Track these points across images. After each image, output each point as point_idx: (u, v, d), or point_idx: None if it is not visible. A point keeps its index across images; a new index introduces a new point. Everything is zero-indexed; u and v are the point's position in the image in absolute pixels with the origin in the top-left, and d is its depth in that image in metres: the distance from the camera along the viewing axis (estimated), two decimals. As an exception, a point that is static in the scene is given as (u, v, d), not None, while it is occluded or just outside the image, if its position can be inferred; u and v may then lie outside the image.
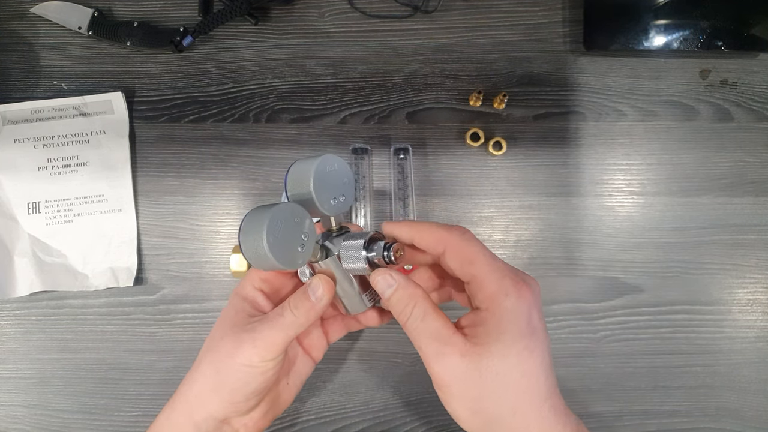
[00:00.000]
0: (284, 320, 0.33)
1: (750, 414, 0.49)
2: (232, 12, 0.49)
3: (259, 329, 0.33)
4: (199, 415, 0.33)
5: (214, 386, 0.33)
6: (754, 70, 0.51)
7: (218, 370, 0.33)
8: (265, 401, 0.35)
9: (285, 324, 0.33)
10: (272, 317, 0.33)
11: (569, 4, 0.51)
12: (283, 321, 0.33)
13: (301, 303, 0.33)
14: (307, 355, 0.39)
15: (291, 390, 0.38)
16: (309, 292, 0.33)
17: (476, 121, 0.51)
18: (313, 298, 0.33)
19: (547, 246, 0.50)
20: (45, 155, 0.51)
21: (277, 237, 0.29)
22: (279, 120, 0.51)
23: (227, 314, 0.35)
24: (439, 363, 0.29)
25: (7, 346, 0.51)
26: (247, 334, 0.33)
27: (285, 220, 0.30)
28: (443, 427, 0.49)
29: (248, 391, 0.33)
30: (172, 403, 0.35)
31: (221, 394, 0.33)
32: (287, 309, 0.33)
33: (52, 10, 0.51)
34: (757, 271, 0.50)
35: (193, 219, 0.51)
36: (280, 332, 0.32)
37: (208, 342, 0.35)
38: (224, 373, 0.33)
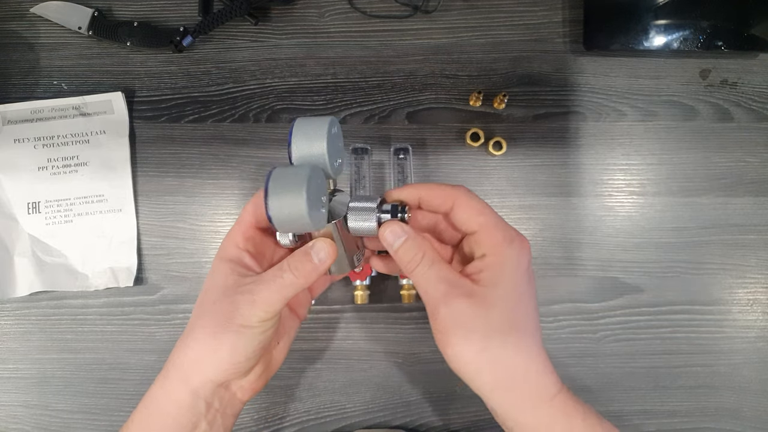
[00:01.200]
0: (283, 281, 0.33)
1: (750, 414, 0.49)
2: (232, 12, 0.49)
3: (256, 290, 0.32)
4: (197, 380, 0.33)
5: (211, 350, 0.33)
6: (754, 70, 0.51)
7: (215, 333, 0.32)
8: (260, 362, 0.36)
9: (284, 284, 0.33)
10: (269, 277, 0.33)
11: (569, 4, 0.51)
12: (282, 282, 0.33)
13: (302, 264, 0.33)
14: (294, 314, 0.40)
15: (282, 350, 0.39)
16: (312, 254, 0.33)
17: (476, 121, 0.51)
18: (316, 260, 0.33)
19: (547, 246, 0.50)
20: (45, 155, 0.51)
21: (310, 197, 0.29)
22: (279, 120, 0.51)
23: (214, 281, 0.34)
24: (448, 304, 0.31)
25: (7, 346, 0.51)
26: (242, 295, 0.32)
27: (316, 180, 0.30)
28: (443, 427, 0.49)
29: (248, 352, 0.33)
30: (165, 372, 0.35)
31: (220, 357, 0.33)
32: (286, 270, 0.33)
33: (52, 10, 0.51)
34: (757, 271, 0.50)
35: (193, 219, 0.51)
36: (278, 292, 0.32)
37: (198, 309, 0.35)
38: (222, 336, 0.32)
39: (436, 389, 0.49)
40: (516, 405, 0.31)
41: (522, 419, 0.31)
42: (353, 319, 0.50)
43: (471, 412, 0.49)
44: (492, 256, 0.32)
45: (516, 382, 0.31)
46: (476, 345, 0.30)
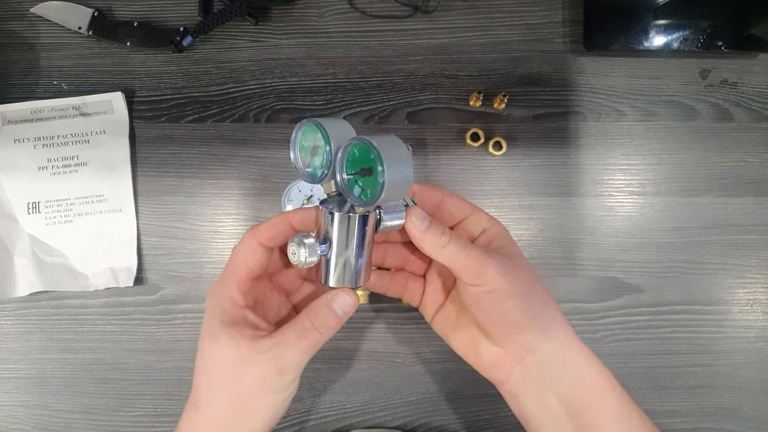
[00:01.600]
0: (309, 341, 0.32)
1: (750, 414, 0.49)
2: (232, 12, 0.49)
3: (281, 355, 0.31)
4: None
5: (238, 418, 0.32)
6: (754, 70, 0.51)
7: (243, 406, 0.32)
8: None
9: (311, 344, 0.32)
10: (292, 340, 0.31)
11: (569, 4, 0.51)
12: (307, 342, 0.32)
13: (327, 320, 0.32)
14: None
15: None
16: (334, 307, 0.32)
17: (476, 121, 0.51)
18: (340, 312, 0.32)
19: (547, 246, 0.50)
20: (45, 155, 0.51)
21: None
22: (279, 120, 0.51)
23: (222, 354, 0.32)
24: (488, 266, 0.32)
25: (7, 346, 0.51)
26: (267, 364, 0.31)
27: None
28: (443, 427, 0.49)
29: (279, 414, 0.33)
30: None
31: (250, 425, 0.32)
32: (312, 330, 0.32)
33: (52, 10, 0.51)
34: (757, 271, 0.50)
35: (193, 219, 0.51)
36: (305, 353, 0.32)
37: (209, 382, 0.33)
38: (252, 408, 0.32)
39: (436, 389, 0.49)
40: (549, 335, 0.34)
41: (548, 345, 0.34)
42: (353, 319, 0.50)
43: (471, 412, 0.49)
44: (494, 227, 0.36)
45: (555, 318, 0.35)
46: (519, 302, 0.33)
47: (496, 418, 0.36)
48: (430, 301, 0.38)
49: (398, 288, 0.39)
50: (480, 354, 0.35)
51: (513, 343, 0.34)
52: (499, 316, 0.33)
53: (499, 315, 0.33)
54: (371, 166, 0.30)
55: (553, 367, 0.33)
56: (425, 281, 0.39)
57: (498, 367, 0.35)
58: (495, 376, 0.35)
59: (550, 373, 0.33)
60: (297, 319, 0.32)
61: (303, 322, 0.32)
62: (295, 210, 0.34)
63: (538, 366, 0.33)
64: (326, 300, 0.33)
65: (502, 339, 0.34)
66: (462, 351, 0.37)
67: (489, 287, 0.32)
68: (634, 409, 0.33)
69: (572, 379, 0.33)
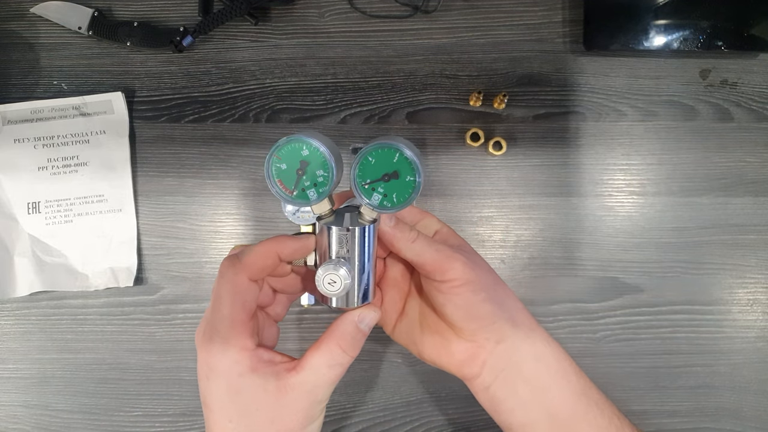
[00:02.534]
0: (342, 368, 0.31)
1: (750, 414, 0.49)
2: (232, 12, 0.49)
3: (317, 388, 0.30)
4: None
5: None
6: (754, 70, 0.51)
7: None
8: None
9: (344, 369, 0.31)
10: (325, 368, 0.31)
11: (569, 4, 0.51)
12: (341, 369, 0.31)
13: (357, 342, 0.32)
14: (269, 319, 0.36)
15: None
16: (362, 327, 0.32)
17: (476, 121, 0.51)
18: (367, 331, 0.33)
19: (547, 246, 0.50)
20: (45, 155, 0.51)
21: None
22: (279, 120, 0.51)
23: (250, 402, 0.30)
24: (456, 260, 0.33)
25: (7, 346, 0.51)
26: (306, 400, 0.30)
27: None
28: (443, 427, 0.49)
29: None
30: None
31: None
32: (344, 355, 0.31)
33: (52, 10, 0.51)
34: (757, 271, 0.50)
35: (193, 219, 0.51)
36: (337, 379, 0.31)
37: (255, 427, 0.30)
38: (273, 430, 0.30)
39: (436, 389, 0.49)
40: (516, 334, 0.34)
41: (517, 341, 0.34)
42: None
43: (471, 412, 0.49)
44: (443, 227, 0.37)
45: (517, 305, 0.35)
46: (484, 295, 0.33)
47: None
48: (390, 309, 0.37)
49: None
50: (452, 353, 0.35)
51: (485, 335, 0.34)
52: (472, 309, 0.33)
53: (471, 308, 0.33)
54: (396, 170, 0.30)
55: (520, 352, 0.34)
56: (381, 291, 0.38)
57: (471, 361, 0.34)
58: (468, 371, 0.35)
59: (518, 358, 0.34)
60: (324, 346, 0.31)
61: (332, 349, 0.31)
62: (280, 239, 0.32)
63: (508, 353, 0.34)
64: (354, 322, 0.32)
65: (474, 333, 0.34)
66: (432, 355, 0.36)
67: (459, 281, 0.32)
68: (593, 387, 0.35)
69: (537, 361, 0.34)
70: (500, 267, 0.50)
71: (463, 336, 0.34)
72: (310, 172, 0.30)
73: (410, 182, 0.30)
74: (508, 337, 0.34)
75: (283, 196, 0.31)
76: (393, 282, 0.38)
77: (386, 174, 0.30)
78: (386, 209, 0.31)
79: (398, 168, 0.30)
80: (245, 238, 0.51)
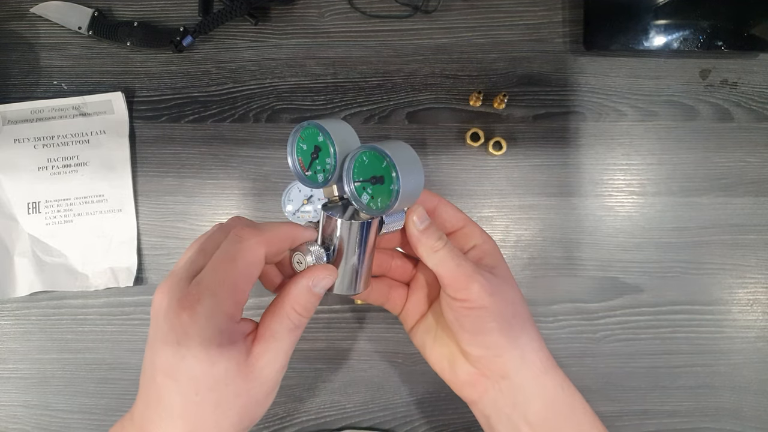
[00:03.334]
0: (300, 330, 0.30)
1: (750, 414, 0.49)
2: (232, 12, 0.49)
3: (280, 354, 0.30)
4: None
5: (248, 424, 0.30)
6: (754, 70, 0.51)
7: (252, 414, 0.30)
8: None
9: (301, 332, 0.31)
10: (285, 333, 0.30)
11: (569, 4, 0.51)
12: (298, 332, 0.30)
13: (312, 303, 0.31)
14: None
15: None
16: (316, 291, 0.30)
17: (476, 121, 0.51)
18: (322, 292, 0.31)
19: (547, 246, 0.50)
20: (45, 155, 0.51)
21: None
22: (279, 120, 0.51)
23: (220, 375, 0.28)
24: (475, 282, 0.32)
25: (7, 346, 0.51)
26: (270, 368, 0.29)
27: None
28: (443, 427, 0.49)
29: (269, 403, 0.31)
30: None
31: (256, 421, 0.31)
32: (300, 317, 0.30)
33: (52, 10, 0.51)
34: (757, 271, 0.50)
35: (193, 219, 0.51)
36: (296, 341, 0.31)
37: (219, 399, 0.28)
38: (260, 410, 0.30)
39: (435, 389, 0.49)
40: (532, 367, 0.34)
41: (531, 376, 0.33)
42: (353, 319, 0.50)
43: (471, 412, 0.49)
44: (486, 243, 0.35)
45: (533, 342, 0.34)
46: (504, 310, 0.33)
47: (496, 418, 0.37)
48: (413, 309, 0.38)
49: (379, 295, 0.37)
50: (455, 372, 0.35)
51: (489, 366, 0.33)
52: (479, 336, 0.33)
53: (478, 335, 0.33)
54: (383, 175, 0.30)
55: (526, 393, 0.33)
56: (409, 289, 0.38)
57: (471, 386, 0.34)
58: (468, 395, 0.35)
59: (523, 398, 0.33)
60: (280, 311, 0.30)
61: (289, 313, 0.30)
62: (296, 225, 0.32)
63: (512, 392, 0.33)
64: (308, 286, 0.30)
65: (478, 360, 0.33)
66: (438, 366, 0.36)
67: (472, 304, 0.32)
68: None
69: (545, 405, 0.33)
70: (500, 267, 0.50)
71: (468, 359, 0.34)
72: (321, 158, 0.31)
73: (393, 190, 0.29)
74: (513, 375, 0.33)
75: (298, 173, 0.33)
76: (422, 284, 0.37)
77: (374, 176, 0.30)
78: (370, 211, 0.31)
79: (384, 174, 0.29)
80: (245, 238, 0.51)
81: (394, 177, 0.29)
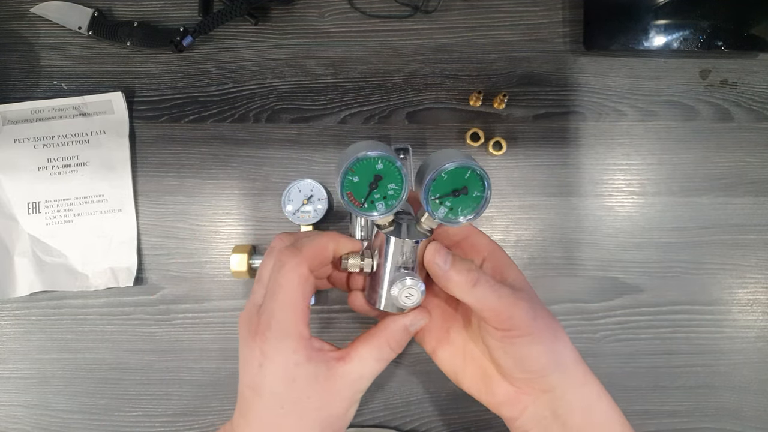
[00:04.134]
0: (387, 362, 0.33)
1: (750, 414, 0.49)
2: (232, 12, 0.49)
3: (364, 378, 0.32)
4: None
5: None
6: (754, 70, 0.51)
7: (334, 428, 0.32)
8: None
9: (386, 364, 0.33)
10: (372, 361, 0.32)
11: (569, 4, 0.51)
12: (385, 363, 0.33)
13: (404, 341, 0.33)
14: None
15: None
16: (412, 330, 0.33)
17: (476, 121, 0.51)
18: (414, 332, 0.34)
19: (547, 246, 0.50)
20: (45, 155, 0.51)
21: None
22: (279, 120, 0.51)
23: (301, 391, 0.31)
24: (519, 309, 0.32)
25: (7, 346, 0.51)
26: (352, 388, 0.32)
27: None
28: (443, 427, 0.49)
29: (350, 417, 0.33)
30: None
31: None
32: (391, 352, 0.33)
33: (52, 10, 0.51)
34: (757, 271, 0.50)
35: (193, 219, 0.51)
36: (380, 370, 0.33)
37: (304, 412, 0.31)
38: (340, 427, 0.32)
39: (436, 389, 0.49)
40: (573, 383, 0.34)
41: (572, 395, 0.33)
42: (353, 319, 0.50)
43: (471, 412, 0.49)
44: (495, 252, 0.35)
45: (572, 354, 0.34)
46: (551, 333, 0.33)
47: (495, 418, 0.36)
48: (432, 334, 0.37)
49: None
50: (493, 392, 0.34)
51: (533, 385, 0.33)
52: (525, 361, 0.32)
53: (524, 361, 0.32)
54: (466, 186, 0.31)
55: (567, 404, 0.33)
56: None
57: (511, 404, 0.34)
58: (507, 412, 0.34)
59: (564, 410, 0.33)
60: (374, 340, 0.33)
61: (381, 345, 0.32)
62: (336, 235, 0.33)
63: (554, 403, 0.33)
64: (405, 325, 0.33)
65: (521, 381, 0.33)
66: (473, 389, 0.36)
67: (518, 332, 0.31)
68: None
69: (584, 415, 0.33)
70: (500, 267, 0.50)
71: (508, 379, 0.34)
72: (382, 185, 0.31)
73: (477, 197, 0.31)
74: (556, 388, 0.33)
75: (352, 208, 0.32)
76: (438, 303, 0.37)
77: (456, 190, 0.31)
78: (450, 222, 0.32)
79: (468, 184, 0.31)
80: (245, 238, 0.51)
81: (484, 184, 0.31)
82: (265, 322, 0.30)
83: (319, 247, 0.32)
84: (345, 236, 0.34)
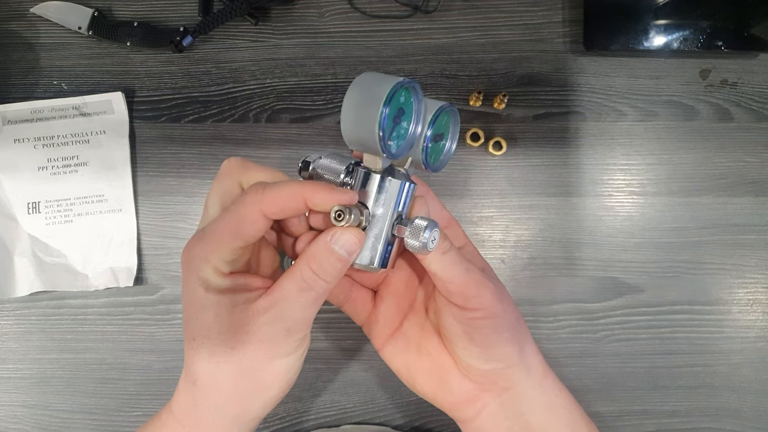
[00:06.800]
0: (314, 293, 0.27)
1: (750, 414, 0.49)
2: (232, 12, 0.49)
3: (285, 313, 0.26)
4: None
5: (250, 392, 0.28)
6: (754, 70, 0.51)
7: (253, 378, 0.28)
8: None
9: (317, 296, 0.27)
10: (294, 292, 0.27)
11: (569, 4, 0.51)
12: (313, 294, 0.27)
13: (330, 265, 0.27)
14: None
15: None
16: (337, 249, 0.27)
17: (476, 121, 0.51)
18: (345, 254, 0.27)
19: (547, 246, 0.50)
20: (45, 155, 0.51)
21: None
22: (279, 120, 0.51)
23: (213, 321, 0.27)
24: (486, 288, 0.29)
25: (7, 346, 0.51)
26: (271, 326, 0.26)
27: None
28: (443, 427, 0.49)
29: (293, 377, 0.29)
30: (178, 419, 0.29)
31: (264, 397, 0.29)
32: (316, 279, 0.27)
33: (52, 10, 0.51)
34: (757, 271, 0.50)
35: (193, 219, 0.51)
36: (311, 307, 0.27)
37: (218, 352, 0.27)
38: (262, 378, 0.28)
39: (436, 389, 0.49)
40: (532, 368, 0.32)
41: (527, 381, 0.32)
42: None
43: (471, 412, 0.49)
44: (469, 245, 0.34)
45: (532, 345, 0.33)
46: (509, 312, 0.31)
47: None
48: (383, 321, 0.33)
49: (338, 291, 0.33)
50: (450, 390, 0.31)
51: (495, 379, 0.30)
52: (490, 349, 0.30)
53: (490, 347, 0.30)
54: (443, 133, 0.31)
55: (529, 402, 0.31)
56: (375, 297, 0.34)
57: (469, 403, 0.31)
58: (464, 413, 0.32)
59: (526, 408, 0.31)
60: (294, 267, 0.27)
61: (303, 270, 0.27)
62: (313, 185, 0.26)
63: (515, 402, 0.31)
64: (326, 242, 0.27)
65: (485, 374, 0.30)
66: (426, 387, 0.32)
67: (485, 313, 0.29)
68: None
69: (547, 411, 0.31)
70: (500, 267, 0.50)
71: (468, 374, 0.31)
72: (399, 123, 0.27)
73: (442, 146, 0.31)
74: (518, 384, 0.30)
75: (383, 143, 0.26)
76: (393, 290, 0.33)
77: (436, 135, 0.30)
78: (431, 167, 0.31)
79: (444, 131, 0.31)
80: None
81: (451, 135, 0.31)
82: (197, 239, 0.27)
83: (285, 194, 0.26)
84: (329, 185, 0.27)
